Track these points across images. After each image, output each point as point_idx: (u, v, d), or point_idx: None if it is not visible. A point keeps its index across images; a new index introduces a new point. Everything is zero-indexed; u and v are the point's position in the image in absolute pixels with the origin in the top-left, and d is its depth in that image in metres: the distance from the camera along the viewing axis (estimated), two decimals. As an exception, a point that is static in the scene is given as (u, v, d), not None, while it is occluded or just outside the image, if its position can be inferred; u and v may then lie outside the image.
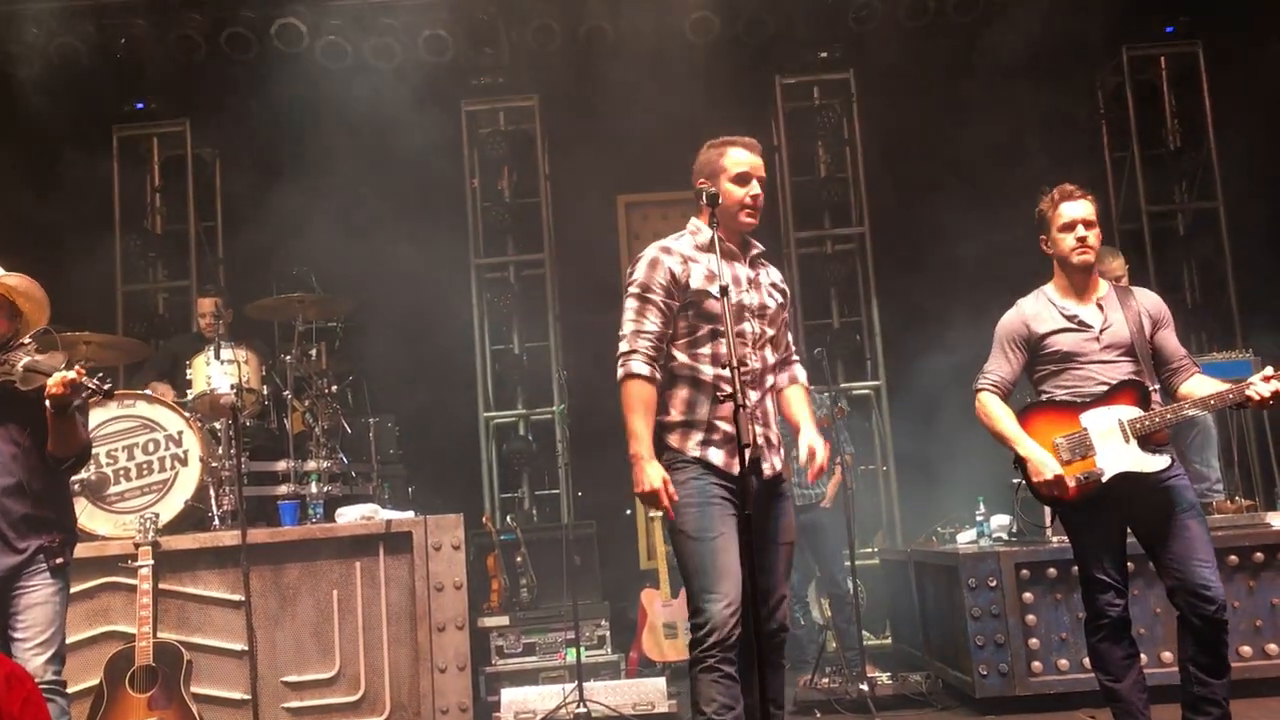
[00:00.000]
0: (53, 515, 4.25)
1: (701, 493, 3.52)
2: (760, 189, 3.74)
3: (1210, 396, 3.94)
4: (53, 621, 4.15)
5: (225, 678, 5.41)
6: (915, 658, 6.68)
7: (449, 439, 8.13)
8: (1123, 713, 4.01)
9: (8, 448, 4.14)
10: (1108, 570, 3.97)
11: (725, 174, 3.71)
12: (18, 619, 4.10)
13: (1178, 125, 8.53)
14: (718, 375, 3.58)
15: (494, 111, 8.62)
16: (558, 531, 7.07)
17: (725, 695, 3.39)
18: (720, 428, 3.56)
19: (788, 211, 8.54)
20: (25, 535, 4.13)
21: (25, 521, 4.14)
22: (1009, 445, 4.07)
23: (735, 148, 3.74)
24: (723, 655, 3.38)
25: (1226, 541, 5.35)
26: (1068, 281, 4.15)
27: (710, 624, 3.38)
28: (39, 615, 4.12)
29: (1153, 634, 5.34)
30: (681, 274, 3.62)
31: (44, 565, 4.16)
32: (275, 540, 5.59)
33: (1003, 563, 5.47)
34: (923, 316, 7.75)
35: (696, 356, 3.62)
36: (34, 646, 4.08)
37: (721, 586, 3.40)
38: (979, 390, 4.18)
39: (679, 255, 3.66)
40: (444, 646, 5.54)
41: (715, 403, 3.57)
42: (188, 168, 8.51)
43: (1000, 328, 4.23)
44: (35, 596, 4.12)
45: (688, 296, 3.61)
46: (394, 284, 7.67)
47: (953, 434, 6.73)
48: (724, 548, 3.45)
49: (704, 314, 3.61)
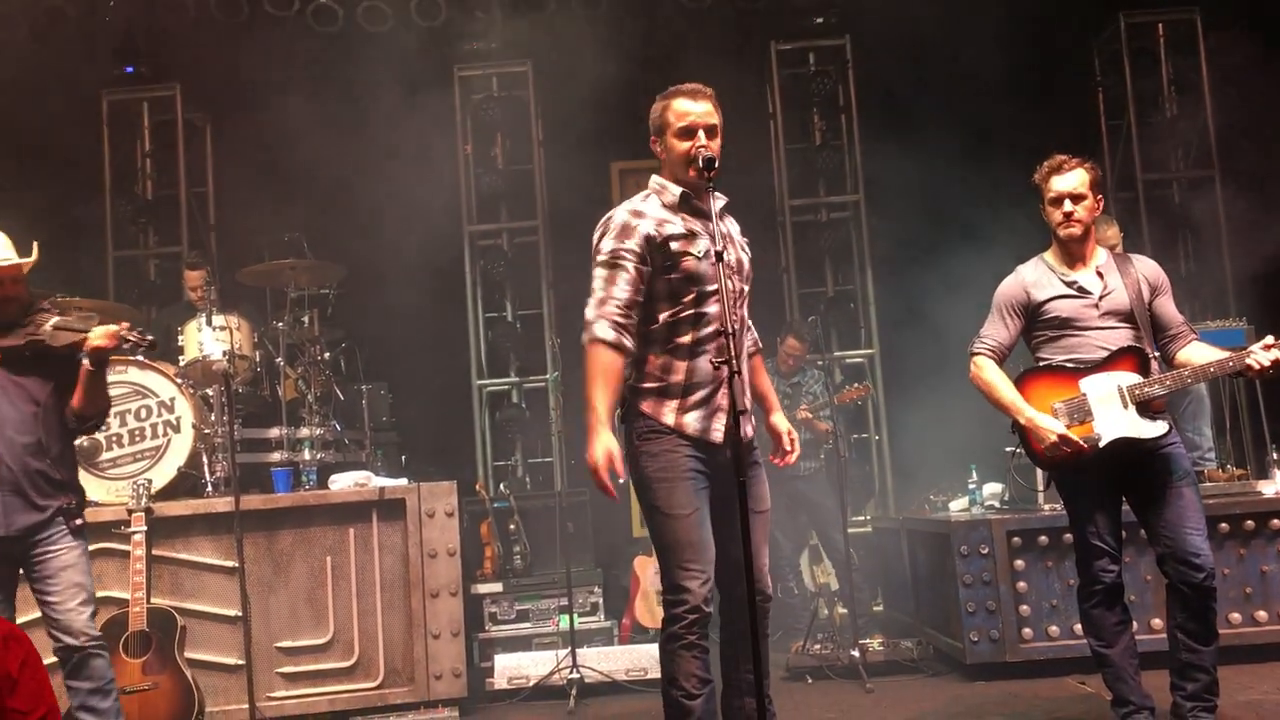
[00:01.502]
0: (68, 477, 4.36)
1: (673, 467, 3.42)
2: (709, 138, 3.49)
3: (1210, 364, 3.94)
4: (85, 581, 4.26)
5: (219, 643, 5.43)
6: (907, 624, 6.71)
7: (442, 406, 8.12)
8: (1113, 678, 4.04)
9: (28, 407, 4.21)
10: (1103, 536, 3.99)
11: (669, 128, 3.52)
12: (50, 583, 4.19)
13: (1174, 93, 8.49)
14: (696, 338, 3.45)
15: (487, 77, 8.54)
16: (551, 499, 7.08)
17: (703, 670, 3.39)
18: (698, 393, 3.45)
19: (782, 179, 8.51)
20: (46, 495, 4.22)
21: (45, 481, 4.23)
22: (1008, 413, 4.07)
23: (678, 98, 3.51)
24: (701, 631, 3.38)
25: (1218, 509, 5.38)
26: (1064, 250, 4.14)
27: (688, 601, 3.35)
28: (72, 577, 4.22)
29: (1143, 601, 5.38)
30: (656, 236, 3.46)
31: (64, 527, 4.25)
32: (269, 507, 5.60)
33: (994, 530, 5.50)
34: (917, 285, 7.72)
35: (677, 320, 3.47)
36: (75, 608, 4.19)
37: (697, 564, 3.37)
38: (975, 354, 4.18)
39: (651, 218, 3.49)
40: (437, 613, 5.56)
41: (694, 368, 3.45)
42: (178, 133, 8.43)
43: (999, 293, 4.22)
44: (64, 559, 4.21)
45: (666, 259, 3.45)
46: (387, 251, 7.63)
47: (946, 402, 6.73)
48: (697, 523, 3.40)
49: (686, 275, 3.45)
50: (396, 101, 7.52)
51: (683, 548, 3.39)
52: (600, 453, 3.31)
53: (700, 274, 3.45)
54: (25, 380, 4.20)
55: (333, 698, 5.49)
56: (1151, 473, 3.96)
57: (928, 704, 5.13)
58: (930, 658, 5.89)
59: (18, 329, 4.24)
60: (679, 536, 3.40)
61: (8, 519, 4.13)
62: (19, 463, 4.16)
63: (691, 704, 3.36)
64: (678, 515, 3.40)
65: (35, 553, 4.18)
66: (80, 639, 4.18)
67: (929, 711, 4.98)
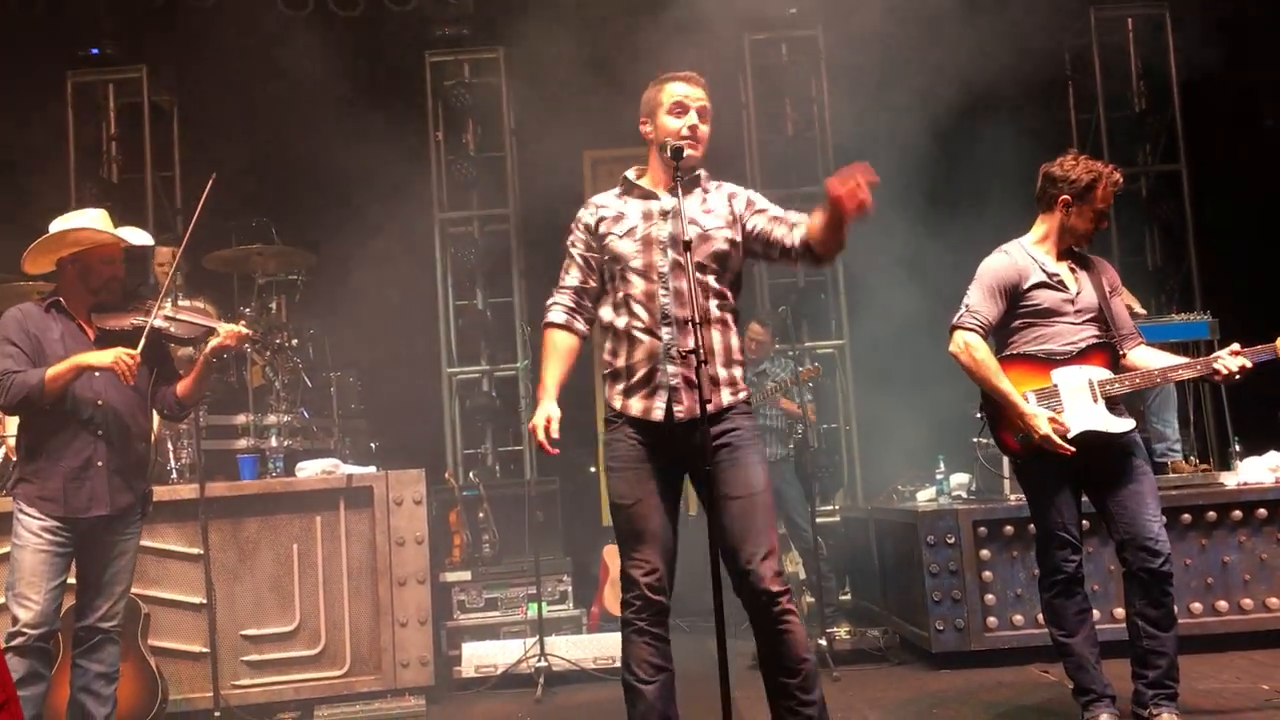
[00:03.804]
0: (151, 464, 4.46)
1: (619, 456, 3.45)
2: (700, 119, 3.52)
3: (1179, 366, 4.03)
4: (132, 569, 4.34)
5: (183, 631, 5.40)
6: (874, 613, 6.76)
7: (411, 394, 8.08)
8: (1075, 667, 4.08)
9: (135, 393, 4.24)
10: (1065, 526, 4.03)
11: (661, 107, 3.53)
12: (106, 565, 4.23)
13: (1143, 87, 8.56)
14: (630, 318, 3.44)
15: (458, 63, 8.49)
16: (520, 487, 7.08)
17: (656, 656, 3.37)
18: (638, 373, 3.43)
19: (755, 169, 8.50)
20: (138, 478, 4.30)
21: (140, 466, 4.32)
22: (998, 398, 4.03)
23: (674, 81, 3.56)
24: (651, 618, 3.35)
25: (1180, 500, 5.45)
26: (1055, 243, 4.14)
27: (633, 589, 3.36)
28: (127, 564, 4.30)
29: (1106, 591, 5.43)
30: (594, 222, 3.57)
31: (138, 515, 4.32)
32: (234, 494, 5.56)
33: (961, 520, 5.54)
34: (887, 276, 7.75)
35: (615, 303, 3.50)
36: (118, 594, 4.27)
37: (639, 554, 3.37)
38: (965, 328, 4.10)
39: (594, 205, 3.62)
40: (405, 601, 5.54)
41: (631, 349, 3.44)
42: (144, 116, 8.33)
43: (991, 271, 4.16)
44: (129, 545, 4.30)
45: (600, 242, 3.54)
46: (356, 237, 7.57)
47: (915, 393, 6.78)
48: (641, 513, 3.38)
49: (611, 255, 3.50)
50: (367, 87, 7.44)
51: (625, 538, 3.42)
52: (540, 418, 3.45)
53: (621, 253, 3.48)
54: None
55: (298, 686, 5.46)
56: (1111, 461, 4.00)
57: (893, 693, 5.17)
58: (896, 647, 5.93)
59: (124, 312, 4.27)
60: (620, 526, 3.43)
61: (112, 499, 4.16)
62: (124, 444, 4.20)
63: (643, 689, 3.36)
64: (618, 505, 3.44)
65: (110, 532, 4.21)
66: (109, 623, 4.24)
67: (894, 700, 5.01)
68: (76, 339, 4.18)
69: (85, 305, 4.25)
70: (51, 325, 4.18)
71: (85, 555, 4.21)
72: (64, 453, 4.11)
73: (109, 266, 4.24)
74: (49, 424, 4.13)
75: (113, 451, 4.16)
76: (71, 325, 4.21)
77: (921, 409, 6.77)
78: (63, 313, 4.23)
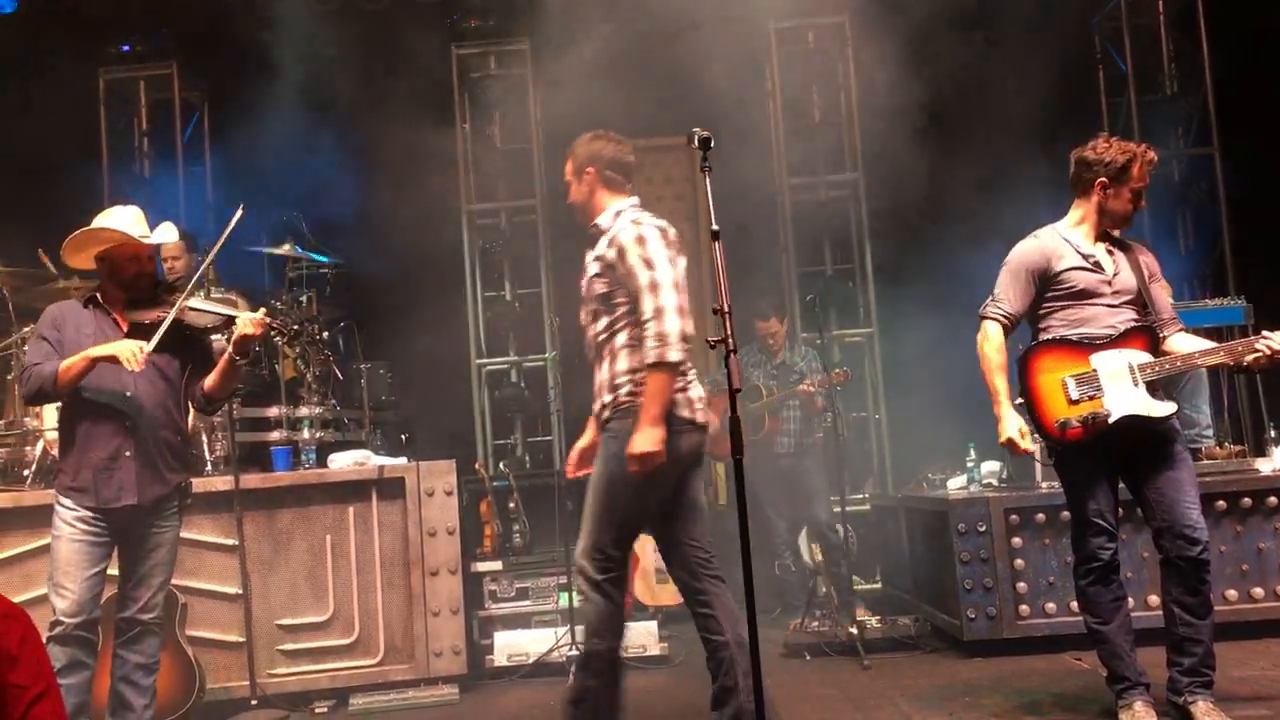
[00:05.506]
0: (189, 456, 4.53)
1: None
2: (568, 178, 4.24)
3: (1220, 349, 4.00)
4: (172, 561, 4.40)
5: (220, 621, 5.46)
6: (904, 601, 6.74)
7: (441, 385, 8.12)
8: (1109, 655, 4.06)
9: (161, 383, 4.31)
10: (1101, 513, 4.01)
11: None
12: (146, 556, 4.30)
13: (1175, 70, 8.46)
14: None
15: (485, 55, 8.51)
16: (550, 478, 7.09)
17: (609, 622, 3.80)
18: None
19: (781, 158, 8.47)
20: (172, 469, 4.34)
21: (175, 456, 4.37)
22: (989, 391, 4.10)
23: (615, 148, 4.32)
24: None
25: (1215, 487, 5.40)
26: (1093, 226, 4.12)
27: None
28: (165, 556, 4.36)
29: (1139, 578, 5.40)
30: None
31: (176, 505, 4.38)
32: (268, 485, 5.61)
33: (992, 508, 5.52)
34: (916, 263, 7.72)
35: None
36: (158, 585, 4.33)
37: None
38: (988, 317, 4.16)
39: None
40: (437, 591, 5.58)
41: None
42: (175, 111, 8.40)
43: (1019, 257, 4.16)
44: (168, 536, 4.36)
45: None
46: (386, 229, 7.62)
47: (944, 380, 6.74)
48: None
49: None
50: (393, 80, 7.47)
51: None
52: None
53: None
54: (159, 357, 4.24)
55: (333, 674, 5.52)
56: (1149, 449, 3.98)
57: (925, 680, 5.16)
58: (928, 635, 5.92)
59: (153, 306, 4.32)
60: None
61: (141, 489, 4.21)
62: (152, 435, 4.26)
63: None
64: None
65: (147, 524, 4.27)
66: (149, 615, 4.30)
67: (926, 688, 5.00)
68: (110, 333, 4.25)
69: (119, 300, 4.33)
70: (87, 320, 4.27)
71: (124, 546, 4.28)
72: (94, 444, 4.18)
73: (134, 264, 4.31)
74: (81, 416, 4.20)
75: (141, 442, 4.22)
76: (107, 320, 4.29)
77: (951, 396, 6.73)
78: (99, 308, 4.31)
